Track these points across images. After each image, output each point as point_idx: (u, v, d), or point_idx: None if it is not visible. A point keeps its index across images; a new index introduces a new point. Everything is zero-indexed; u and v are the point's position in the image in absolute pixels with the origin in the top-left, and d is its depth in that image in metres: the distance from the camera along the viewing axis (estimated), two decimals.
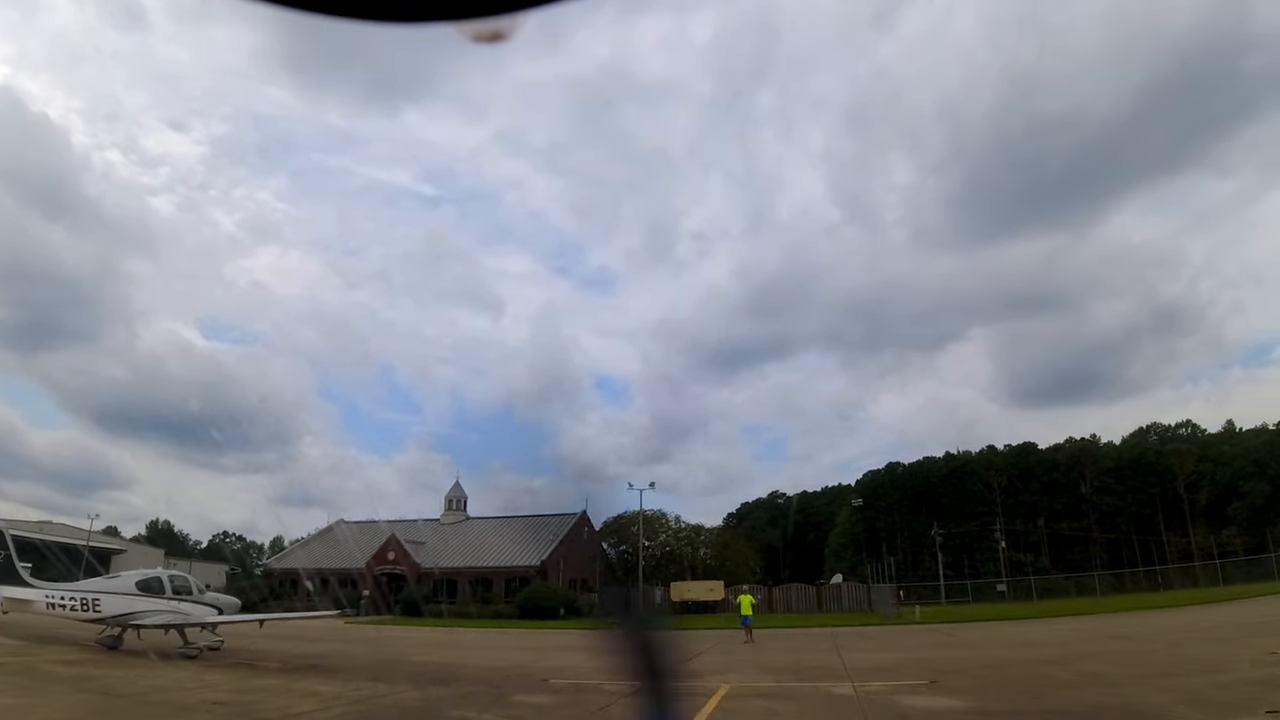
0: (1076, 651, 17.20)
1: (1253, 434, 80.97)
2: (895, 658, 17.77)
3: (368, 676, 15.83)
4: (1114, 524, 79.81)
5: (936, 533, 75.00)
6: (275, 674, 16.23)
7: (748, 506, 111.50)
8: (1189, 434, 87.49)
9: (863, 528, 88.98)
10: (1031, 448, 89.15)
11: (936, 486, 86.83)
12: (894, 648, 20.76)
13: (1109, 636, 20.63)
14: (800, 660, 17.70)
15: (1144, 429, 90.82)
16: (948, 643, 21.68)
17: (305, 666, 18.03)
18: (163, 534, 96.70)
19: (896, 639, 24.25)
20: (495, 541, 56.36)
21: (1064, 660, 15.62)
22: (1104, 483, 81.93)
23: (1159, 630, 21.55)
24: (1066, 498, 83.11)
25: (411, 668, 17.85)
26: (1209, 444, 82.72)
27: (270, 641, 24.76)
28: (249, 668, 17.57)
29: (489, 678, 15.54)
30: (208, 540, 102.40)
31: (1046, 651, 17.50)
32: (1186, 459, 79.23)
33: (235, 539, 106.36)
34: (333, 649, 23.48)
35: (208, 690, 13.29)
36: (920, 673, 14.68)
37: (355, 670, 17.30)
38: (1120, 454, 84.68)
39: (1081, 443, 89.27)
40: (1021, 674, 14.34)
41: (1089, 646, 18.33)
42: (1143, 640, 19.26)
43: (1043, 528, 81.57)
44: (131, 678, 14.82)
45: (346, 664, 18.87)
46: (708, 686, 12.96)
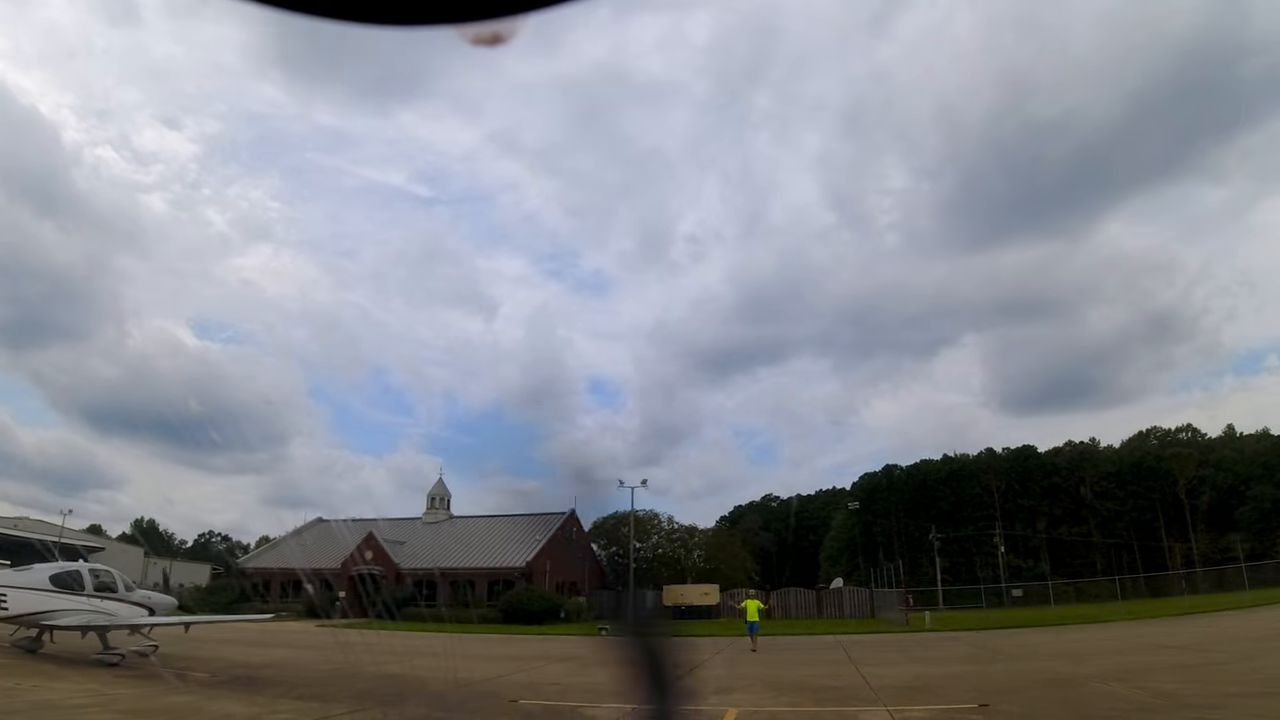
0: (1135, 664, 14.86)
1: (1253, 439, 79.53)
2: (925, 673, 15.34)
3: (305, 693, 13.37)
4: (1114, 529, 78.22)
5: (935, 537, 73.12)
6: (197, 688, 13.76)
7: (741, 510, 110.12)
8: (1189, 438, 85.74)
9: (859, 531, 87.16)
10: (1031, 451, 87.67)
11: (934, 490, 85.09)
12: (918, 660, 18.31)
13: (1161, 646, 18.29)
14: (814, 676, 15.31)
15: (1144, 433, 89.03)
16: (979, 655, 19.18)
17: (238, 679, 15.56)
18: (146, 533, 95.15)
19: (916, 649, 21.81)
20: (479, 542, 53.73)
21: (1127, 676, 13.26)
22: (1104, 487, 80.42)
23: (1216, 639, 19.18)
24: (1067, 502, 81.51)
25: (364, 681, 15.38)
26: (1210, 448, 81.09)
27: (220, 647, 22.35)
28: (170, 679, 15.11)
29: (449, 696, 13.08)
30: (194, 540, 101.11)
31: (1100, 664, 15.14)
32: (1188, 463, 77.71)
33: (221, 539, 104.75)
34: (285, 657, 20.96)
35: (97, 711, 10.80)
36: (963, 693, 12.32)
37: (295, 684, 14.82)
38: (1120, 458, 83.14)
39: (1081, 446, 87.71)
40: (1087, 695, 11.97)
41: (1145, 658, 16.00)
42: (1205, 650, 16.92)
43: (1043, 532, 79.78)
44: (18, 691, 12.30)
45: (289, 675, 16.35)
46: (711, 710, 10.55)
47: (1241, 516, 65.61)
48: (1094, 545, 76.91)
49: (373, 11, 0.71)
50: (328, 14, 0.71)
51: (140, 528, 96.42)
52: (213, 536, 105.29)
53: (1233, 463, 74.42)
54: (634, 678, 1.73)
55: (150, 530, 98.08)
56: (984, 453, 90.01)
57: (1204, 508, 73.99)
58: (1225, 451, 78.19)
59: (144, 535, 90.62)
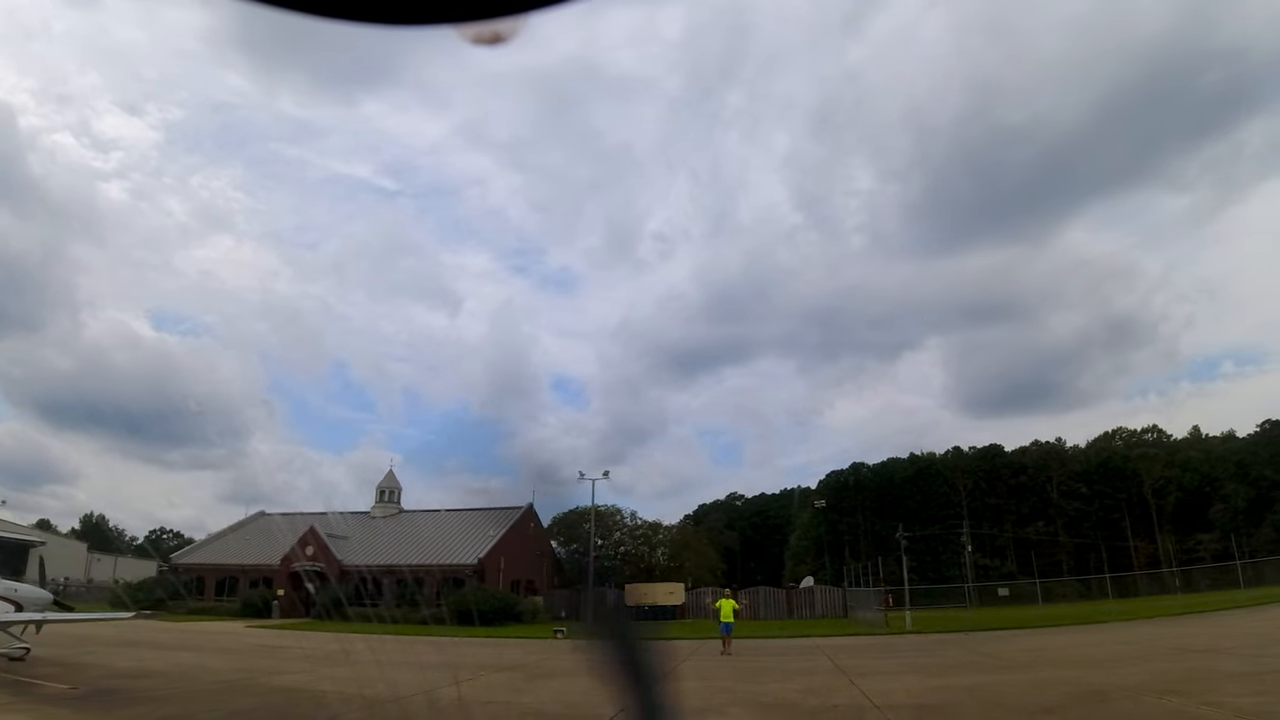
0: (1177, 673, 12.54)
1: (1219, 440, 79.45)
2: (932, 686, 12.84)
3: (169, 713, 10.53)
4: (1080, 528, 77.62)
5: (902, 535, 71.62)
6: (40, 704, 10.88)
7: (705, 508, 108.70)
8: (1155, 439, 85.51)
9: (826, 530, 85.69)
10: (998, 450, 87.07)
11: (901, 488, 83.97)
12: (917, 669, 15.82)
13: (1186, 650, 16.07)
14: (803, 691, 12.76)
15: (1109, 434, 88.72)
16: (982, 661, 16.69)
17: (103, 691, 12.64)
18: (96, 529, 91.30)
19: (909, 655, 19.37)
20: (429, 537, 50.44)
21: (1178, 688, 10.91)
22: (1071, 486, 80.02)
23: (1242, 641, 16.97)
24: (1034, 501, 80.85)
25: (252, 695, 12.52)
26: (1175, 449, 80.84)
27: (116, 651, 19.39)
28: (17, 689, 12.18)
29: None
30: (144, 536, 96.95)
31: (1134, 673, 12.78)
32: (1154, 463, 77.38)
33: (173, 535, 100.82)
34: (183, 663, 17.92)
35: None
36: (993, 713, 9.88)
37: (167, 699, 11.93)
38: (1087, 458, 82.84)
39: (1048, 446, 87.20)
40: (1140, 712, 9.60)
41: (1180, 664, 13.74)
42: (1242, 655, 14.71)
43: (1010, 531, 78.83)
44: None
45: (167, 687, 13.39)
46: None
47: (1215, 515, 64.95)
48: (1061, 545, 76.21)
49: (373, 11, 0.70)
50: (328, 14, 0.70)
51: (90, 523, 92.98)
52: (165, 533, 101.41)
53: (1199, 463, 74.09)
54: (615, 693, 1.49)
55: (99, 526, 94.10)
56: (951, 452, 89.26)
57: (1170, 508, 73.54)
58: (1191, 453, 77.91)
59: (92, 531, 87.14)
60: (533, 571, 51.90)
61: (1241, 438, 75.27)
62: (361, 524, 52.89)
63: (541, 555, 55.13)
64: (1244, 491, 63.00)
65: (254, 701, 11.90)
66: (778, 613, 44.57)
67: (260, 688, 13.60)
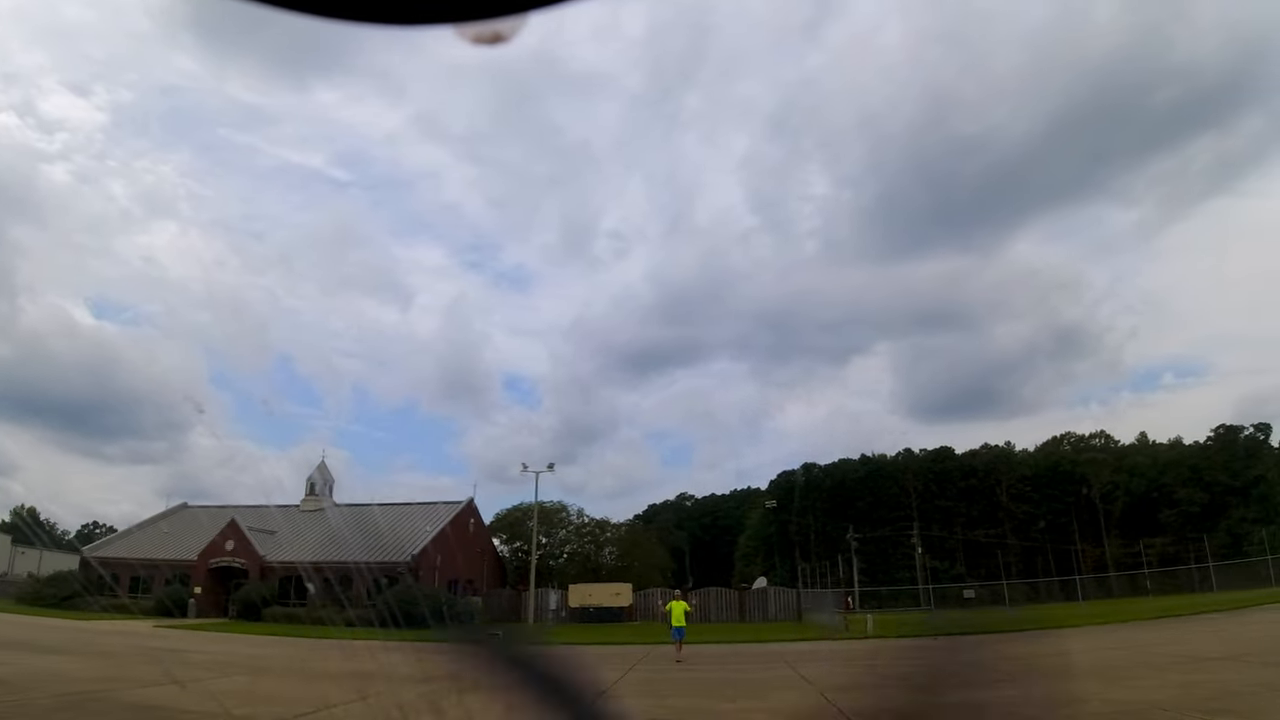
0: (1205, 685, 10.72)
1: (1166, 447, 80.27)
2: (928, 704, 10.93)
3: None
4: (1028, 532, 77.89)
5: (853, 536, 70.71)
6: None
7: (655, 509, 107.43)
8: (1103, 444, 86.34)
9: (776, 530, 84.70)
10: (949, 452, 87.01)
11: (852, 490, 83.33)
12: (897, 682, 13.95)
13: (1198, 658, 14.42)
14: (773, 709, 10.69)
15: (1058, 438, 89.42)
16: (973, 674, 14.93)
17: None
18: (23, 522, 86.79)
19: (880, 664, 17.50)
20: (361, 533, 47.39)
21: (1217, 706, 9.12)
22: (1020, 490, 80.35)
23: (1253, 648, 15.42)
24: (983, 504, 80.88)
25: (88, 716, 9.94)
26: (1123, 454, 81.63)
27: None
28: None
29: None
30: (76, 530, 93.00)
31: (1150, 687, 10.93)
32: (1102, 468, 78.05)
33: (105, 530, 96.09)
34: (37, 669, 15.05)
35: None
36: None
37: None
38: (1036, 462, 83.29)
39: (997, 449, 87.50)
40: None
41: (1200, 676, 12.01)
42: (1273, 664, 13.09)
43: (960, 533, 78.67)
44: None
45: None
46: None
47: (1166, 519, 65.34)
48: (1010, 547, 76.27)
49: (372, 11, 0.69)
50: (328, 14, 0.69)
51: (20, 516, 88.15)
52: (98, 528, 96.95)
53: (1145, 469, 74.70)
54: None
55: (29, 519, 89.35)
56: (902, 454, 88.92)
57: (1118, 512, 74.04)
58: (1138, 458, 78.63)
59: (21, 523, 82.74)
60: (473, 570, 49.20)
61: (1190, 444, 76.00)
62: (287, 518, 49.50)
63: (482, 553, 52.45)
64: (1198, 496, 63.43)
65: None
66: (730, 615, 42.69)
67: (111, 704, 10.98)
